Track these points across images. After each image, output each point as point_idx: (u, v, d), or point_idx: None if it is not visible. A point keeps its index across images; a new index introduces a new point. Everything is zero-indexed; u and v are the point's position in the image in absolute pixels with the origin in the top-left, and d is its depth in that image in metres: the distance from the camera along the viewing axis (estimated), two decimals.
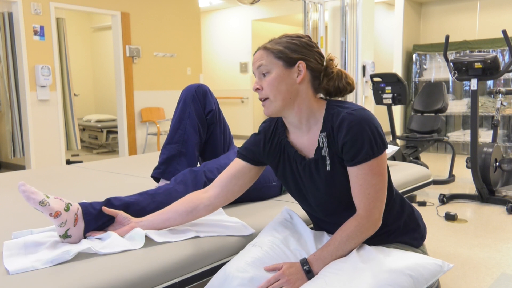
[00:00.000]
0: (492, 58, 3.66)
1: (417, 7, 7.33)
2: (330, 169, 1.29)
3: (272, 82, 1.28)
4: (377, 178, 1.24)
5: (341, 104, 1.30)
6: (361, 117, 1.23)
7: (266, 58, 1.30)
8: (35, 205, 1.25)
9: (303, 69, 1.29)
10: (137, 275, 1.18)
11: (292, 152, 1.37)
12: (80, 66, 8.87)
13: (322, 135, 1.30)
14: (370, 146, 1.22)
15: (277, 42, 1.32)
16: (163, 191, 1.56)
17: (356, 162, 1.24)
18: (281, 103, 1.29)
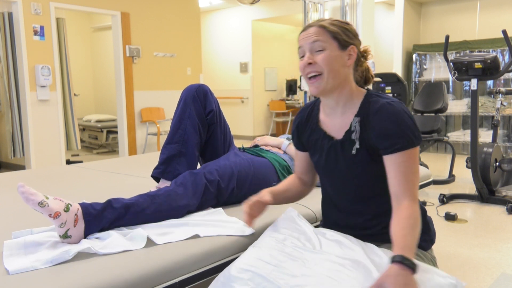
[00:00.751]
0: (492, 58, 3.66)
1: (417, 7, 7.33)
2: (355, 153, 1.33)
3: (328, 59, 1.30)
4: (416, 165, 1.28)
5: (380, 94, 1.36)
6: (401, 108, 1.28)
7: (323, 35, 1.32)
8: (34, 206, 1.25)
9: (354, 53, 1.35)
10: (137, 275, 1.18)
11: (321, 132, 1.42)
12: (80, 66, 8.87)
13: (356, 119, 1.33)
14: (412, 135, 1.26)
15: (331, 23, 1.34)
16: (163, 192, 1.56)
17: (397, 149, 1.26)
18: (332, 82, 1.32)
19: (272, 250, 1.29)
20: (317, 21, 1.36)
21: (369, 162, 1.32)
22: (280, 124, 9.49)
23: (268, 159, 1.96)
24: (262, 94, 9.41)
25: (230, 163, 1.79)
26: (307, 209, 1.77)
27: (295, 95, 9.41)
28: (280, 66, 9.72)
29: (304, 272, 1.21)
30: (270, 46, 9.46)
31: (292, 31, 9.93)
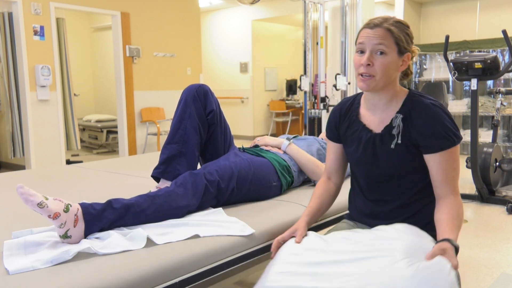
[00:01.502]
0: (492, 58, 3.66)
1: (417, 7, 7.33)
2: (394, 147, 1.39)
3: (386, 64, 1.35)
4: (457, 162, 1.36)
5: (422, 94, 1.42)
6: (443, 109, 1.35)
7: (388, 39, 1.34)
8: (34, 207, 1.26)
9: (408, 60, 1.39)
10: (137, 275, 1.18)
11: (360, 125, 1.47)
12: (80, 66, 8.86)
13: (398, 116, 1.40)
14: (454, 135, 1.34)
15: (397, 26, 1.36)
16: (163, 193, 1.56)
17: (441, 148, 1.33)
18: (382, 84, 1.38)
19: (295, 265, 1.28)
20: (383, 20, 1.36)
21: (406, 156, 1.38)
22: (280, 124, 9.49)
23: (268, 159, 1.96)
24: (262, 94, 9.41)
25: (230, 164, 1.79)
26: None
27: (295, 95, 9.41)
28: (280, 66, 9.72)
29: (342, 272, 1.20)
30: (270, 46, 9.46)
31: (292, 31, 9.93)
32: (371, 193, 1.48)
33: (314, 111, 5.72)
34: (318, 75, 5.86)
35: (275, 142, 2.14)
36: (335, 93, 5.80)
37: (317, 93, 5.90)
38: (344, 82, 5.56)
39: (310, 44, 5.90)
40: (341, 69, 5.78)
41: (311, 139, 2.30)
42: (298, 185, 2.13)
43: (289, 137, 2.31)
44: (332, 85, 5.70)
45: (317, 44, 5.88)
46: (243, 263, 1.48)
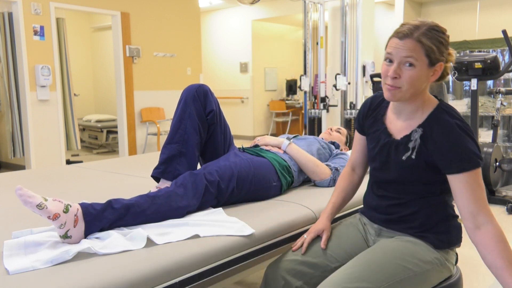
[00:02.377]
0: (492, 58, 3.66)
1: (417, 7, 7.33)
2: (405, 159, 1.36)
3: (413, 78, 1.29)
4: (481, 180, 1.30)
5: (450, 110, 1.35)
6: (467, 130, 1.30)
7: (418, 51, 1.27)
8: (33, 209, 1.26)
9: (439, 70, 1.32)
10: (137, 275, 1.18)
11: (383, 126, 1.46)
12: (80, 66, 8.86)
13: (418, 130, 1.35)
14: (477, 157, 1.28)
15: (429, 36, 1.28)
16: (163, 193, 1.56)
17: (465, 169, 1.27)
18: (408, 96, 1.33)
19: None
20: (414, 29, 1.28)
21: (416, 171, 1.36)
22: (280, 124, 9.49)
23: (268, 159, 1.96)
24: (262, 94, 9.41)
25: (230, 164, 1.79)
26: (307, 209, 1.77)
27: (295, 95, 9.41)
28: (280, 66, 9.72)
29: None
30: (270, 46, 9.46)
31: (292, 31, 9.93)
32: (378, 189, 1.49)
33: (314, 111, 5.72)
34: (318, 75, 5.86)
35: (275, 142, 2.14)
36: (335, 93, 5.80)
37: (317, 93, 5.90)
38: (344, 82, 5.56)
39: (310, 44, 5.90)
40: (341, 69, 5.78)
41: (311, 139, 2.30)
42: (298, 185, 2.13)
43: (289, 137, 2.31)
44: (332, 85, 5.70)
45: (317, 44, 5.88)
46: (243, 263, 1.48)
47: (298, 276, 1.42)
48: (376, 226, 1.49)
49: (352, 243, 1.50)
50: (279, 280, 1.42)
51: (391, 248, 1.35)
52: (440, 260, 1.38)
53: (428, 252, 1.36)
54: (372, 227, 1.51)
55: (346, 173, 1.66)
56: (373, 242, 1.49)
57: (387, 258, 1.31)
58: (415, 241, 1.38)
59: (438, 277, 1.38)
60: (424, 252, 1.36)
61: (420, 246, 1.37)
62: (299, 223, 1.70)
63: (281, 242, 1.61)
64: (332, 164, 2.15)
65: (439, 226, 1.40)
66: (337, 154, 2.28)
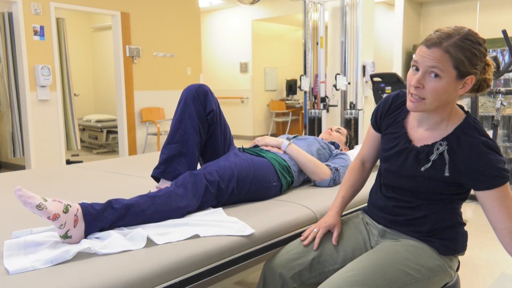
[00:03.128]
0: (492, 58, 3.66)
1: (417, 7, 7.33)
2: (424, 171, 1.32)
3: (438, 90, 1.21)
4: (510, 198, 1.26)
5: (477, 125, 1.29)
6: (495, 147, 1.25)
7: (445, 62, 1.19)
8: (33, 209, 1.26)
9: (470, 83, 1.24)
10: (137, 275, 1.18)
11: (402, 130, 1.40)
12: (80, 66, 8.87)
13: (443, 143, 1.30)
14: (506, 172, 1.24)
15: (460, 46, 1.19)
16: (163, 193, 1.56)
17: (495, 185, 1.24)
18: (433, 108, 1.27)
19: None
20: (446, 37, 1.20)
21: (436, 182, 1.32)
22: (280, 124, 9.49)
23: (268, 159, 1.96)
24: (262, 94, 9.41)
25: (230, 164, 1.79)
26: (307, 209, 1.77)
27: (295, 95, 9.41)
28: (280, 66, 9.72)
29: None
30: (270, 46, 9.46)
31: (292, 31, 9.93)
32: (388, 191, 1.46)
33: (314, 111, 5.72)
34: (318, 75, 5.86)
35: (275, 142, 2.14)
36: (335, 93, 5.80)
37: (317, 93, 5.90)
38: (344, 82, 5.56)
39: (310, 44, 5.90)
40: (341, 69, 5.78)
41: (311, 139, 2.30)
42: (298, 185, 2.13)
43: (289, 137, 2.31)
44: (332, 85, 5.70)
45: (317, 44, 5.88)
46: (243, 263, 1.48)
47: (296, 276, 1.41)
48: (380, 227, 1.47)
49: (353, 246, 1.48)
50: (277, 280, 1.41)
51: (394, 252, 1.33)
52: (443, 267, 1.36)
53: (432, 258, 1.35)
54: (375, 228, 1.48)
55: (355, 167, 1.62)
56: (376, 243, 1.47)
57: (390, 263, 1.29)
58: (420, 246, 1.36)
59: (439, 283, 1.36)
60: (428, 258, 1.34)
61: (424, 252, 1.34)
62: (299, 223, 1.70)
63: (281, 242, 1.61)
64: (332, 164, 2.15)
65: (447, 232, 1.38)
66: (337, 154, 2.28)
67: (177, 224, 1.49)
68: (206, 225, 1.49)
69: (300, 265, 1.42)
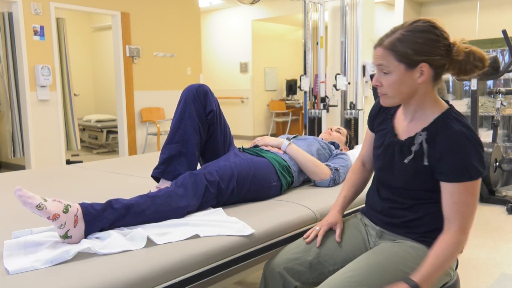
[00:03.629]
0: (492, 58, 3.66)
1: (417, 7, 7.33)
2: (407, 162, 1.34)
3: (393, 84, 1.28)
4: (471, 198, 1.25)
5: (459, 117, 1.29)
6: (473, 139, 1.23)
7: (387, 59, 1.26)
8: (32, 209, 1.26)
9: (426, 70, 1.25)
10: (137, 275, 1.18)
11: (390, 125, 1.44)
12: (80, 66, 8.86)
13: (422, 133, 1.31)
14: (474, 170, 1.23)
15: (399, 39, 1.24)
16: (163, 193, 1.56)
17: (454, 180, 1.24)
18: (398, 100, 1.33)
19: None
20: (388, 35, 1.27)
21: (419, 175, 1.33)
22: (280, 124, 9.49)
23: (268, 159, 1.96)
24: (262, 94, 9.41)
25: (230, 164, 1.79)
26: (307, 209, 1.77)
27: (295, 95, 9.41)
28: (280, 66, 9.72)
29: None
30: (270, 46, 9.46)
31: (292, 31, 9.93)
32: (383, 191, 1.47)
33: (314, 111, 5.72)
34: (318, 75, 5.86)
35: (275, 142, 2.14)
36: (335, 93, 5.80)
37: (317, 93, 5.90)
38: (344, 82, 5.56)
39: (310, 44, 5.90)
40: (341, 69, 5.78)
41: (311, 139, 2.30)
42: (298, 185, 2.12)
43: (289, 137, 2.31)
44: (332, 85, 5.70)
45: (317, 44, 5.88)
46: (243, 263, 1.48)
47: (296, 276, 1.41)
48: (378, 228, 1.47)
49: (352, 246, 1.48)
50: (277, 279, 1.42)
51: (393, 253, 1.33)
52: None
53: None
54: (373, 229, 1.49)
55: (356, 168, 1.64)
56: (374, 244, 1.47)
57: (389, 263, 1.30)
58: (417, 247, 1.36)
59: (438, 282, 1.36)
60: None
61: (422, 252, 1.34)
62: (299, 223, 1.70)
63: (281, 242, 1.61)
64: (332, 164, 2.15)
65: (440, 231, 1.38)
66: (337, 154, 2.28)
67: (177, 224, 1.49)
68: (206, 225, 1.49)
69: (300, 265, 1.42)
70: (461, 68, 1.28)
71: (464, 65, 1.27)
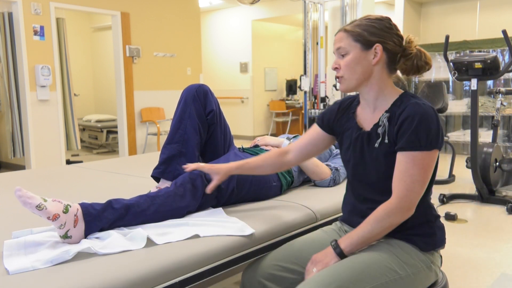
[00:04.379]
0: (492, 58, 3.66)
1: (417, 7, 7.33)
2: (378, 146, 1.36)
3: (349, 63, 1.36)
4: (417, 170, 1.28)
5: (417, 96, 1.37)
6: (425, 111, 1.28)
7: (345, 40, 1.36)
8: (32, 210, 1.26)
9: (380, 51, 1.35)
10: (137, 275, 1.18)
11: (354, 123, 1.46)
12: (80, 66, 8.87)
13: (385, 114, 1.37)
14: (420, 138, 1.27)
15: (358, 24, 1.37)
16: (163, 193, 1.56)
17: (403, 148, 1.29)
18: (355, 82, 1.38)
19: None
20: (350, 23, 1.40)
21: (391, 157, 1.34)
22: (280, 124, 9.49)
23: None
24: (262, 94, 9.41)
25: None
26: (307, 209, 1.77)
27: (295, 95, 9.41)
28: (280, 66, 9.72)
29: None
30: (270, 46, 9.46)
31: (292, 31, 9.93)
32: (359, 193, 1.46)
33: (314, 111, 5.72)
34: (318, 75, 5.86)
35: (275, 142, 2.14)
36: (335, 93, 5.80)
37: (317, 93, 5.90)
38: None
39: (310, 44, 5.90)
40: None
41: None
42: (298, 185, 2.13)
43: (289, 136, 2.31)
44: (332, 85, 5.70)
45: (317, 44, 5.88)
46: (243, 263, 1.48)
47: (277, 281, 1.40)
48: None
49: None
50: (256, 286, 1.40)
51: (377, 250, 1.32)
52: (426, 263, 1.35)
53: (415, 255, 1.34)
54: None
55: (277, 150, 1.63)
56: None
57: (372, 260, 1.29)
58: (401, 244, 1.35)
59: (424, 281, 1.35)
60: (410, 255, 1.34)
61: (406, 249, 1.34)
62: (299, 223, 1.70)
63: (281, 242, 1.61)
64: (332, 164, 2.15)
65: (424, 228, 1.38)
66: (337, 154, 2.28)
67: (177, 224, 1.49)
68: (206, 225, 1.49)
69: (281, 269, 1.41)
70: (413, 64, 1.38)
71: (417, 61, 1.38)
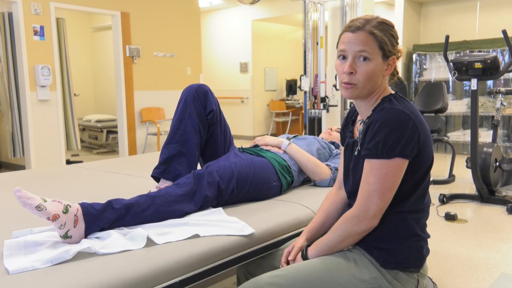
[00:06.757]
0: (492, 58, 3.66)
1: (417, 7, 7.33)
2: (357, 154, 1.32)
3: (369, 72, 1.24)
4: (374, 179, 1.21)
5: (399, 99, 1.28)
6: (393, 117, 1.20)
7: (371, 44, 1.23)
8: (32, 210, 1.26)
9: (393, 64, 1.28)
10: (137, 275, 1.18)
11: (350, 131, 1.43)
12: (80, 66, 8.86)
13: (366, 121, 1.30)
14: (377, 145, 1.21)
15: (380, 28, 1.25)
16: (163, 193, 1.56)
17: (364, 155, 1.26)
18: (366, 92, 1.28)
19: None
20: (366, 22, 1.24)
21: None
22: (280, 124, 9.49)
23: (268, 159, 1.96)
24: (262, 94, 9.41)
25: (230, 164, 1.79)
26: (307, 209, 1.77)
27: (295, 95, 9.41)
28: (280, 66, 9.72)
29: None
30: (270, 46, 9.46)
31: (292, 31, 9.93)
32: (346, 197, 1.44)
33: (314, 111, 5.72)
34: (318, 75, 5.86)
35: (275, 142, 2.14)
36: (335, 93, 5.80)
37: (317, 93, 5.90)
38: None
39: (310, 44, 5.90)
40: None
41: (311, 138, 2.30)
42: (298, 185, 2.13)
43: (289, 136, 2.31)
44: (332, 85, 5.70)
45: (317, 44, 5.88)
46: (243, 263, 1.48)
47: None
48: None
49: None
50: None
51: (330, 258, 1.29)
52: (379, 281, 1.26)
53: (368, 269, 1.27)
54: None
55: (331, 193, 1.53)
56: None
57: (318, 268, 1.25)
58: (360, 255, 1.30)
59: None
60: (364, 268, 1.27)
61: (362, 261, 1.28)
62: (299, 223, 1.70)
63: (281, 242, 1.61)
64: (332, 164, 2.15)
65: (391, 243, 1.28)
66: (337, 154, 2.28)
67: (177, 224, 1.49)
68: (206, 225, 1.49)
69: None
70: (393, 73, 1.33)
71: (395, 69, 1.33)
